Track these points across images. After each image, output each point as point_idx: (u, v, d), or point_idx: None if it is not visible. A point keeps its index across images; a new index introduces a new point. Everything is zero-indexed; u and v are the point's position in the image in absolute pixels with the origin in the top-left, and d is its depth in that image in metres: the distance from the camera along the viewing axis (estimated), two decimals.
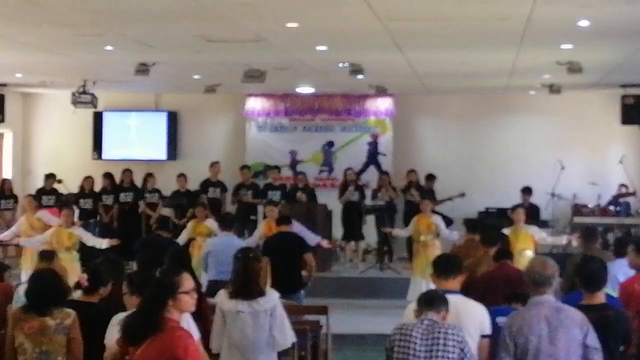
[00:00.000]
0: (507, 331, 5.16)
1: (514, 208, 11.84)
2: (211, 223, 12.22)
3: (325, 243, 12.46)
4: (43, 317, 5.59)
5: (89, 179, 15.80)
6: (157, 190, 15.73)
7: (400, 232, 13.92)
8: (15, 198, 15.89)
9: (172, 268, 5.18)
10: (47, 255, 7.28)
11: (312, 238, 12.48)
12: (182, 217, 15.29)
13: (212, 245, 10.18)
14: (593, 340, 5.06)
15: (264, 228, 11.98)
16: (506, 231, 11.40)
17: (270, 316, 6.48)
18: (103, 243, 11.85)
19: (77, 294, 6.23)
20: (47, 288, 5.72)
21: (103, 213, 15.64)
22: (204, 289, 9.68)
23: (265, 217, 12.40)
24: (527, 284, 5.29)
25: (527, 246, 11.21)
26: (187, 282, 4.69)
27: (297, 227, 11.99)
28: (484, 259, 8.58)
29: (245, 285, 6.47)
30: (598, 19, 9.00)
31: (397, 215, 15.71)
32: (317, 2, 8.45)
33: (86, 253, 11.67)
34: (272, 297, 6.56)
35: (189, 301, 4.68)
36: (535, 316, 5.12)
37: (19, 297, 6.19)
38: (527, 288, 5.32)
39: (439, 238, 12.86)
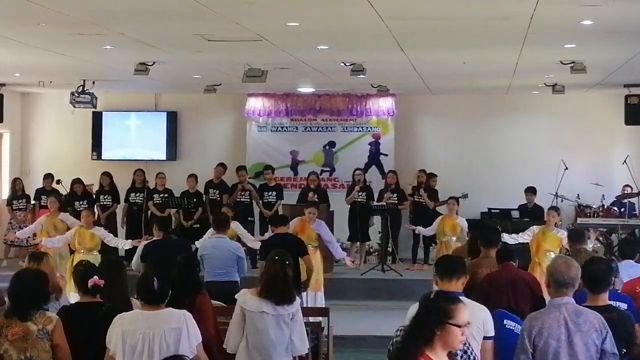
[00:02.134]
0: (527, 333, 5.14)
1: (550, 209, 11.88)
2: (236, 225, 12.17)
3: (348, 261, 12.75)
4: (25, 322, 5.45)
5: (77, 183, 15.59)
6: (168, 191, 15.56)
7: (423, 230, 13.99)
8: (27, 198, 15.90)
9: (444, 294, 4.57)
10: (36, 256, 7.17)
11: (340, 252, 12.76)
12: (190, 218, 15.24)
13: (205, 248, 10.16)
14: (611, 345, 5.06)
15: (297, 226, 11.98)
16: (536, 229, 11.42)
17: (291, 320, 6.51)
18: (126, 243, 11.84)
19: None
20: (26, 290, 5.56)
21: (100, 214, 15.56)
22: None
23: (273, 216, 12.49)
24: (549, 283, 5.24)
25: (552, 248, 11.22)
26: (461, 314, 4.05)
27: (326, 236, 12.14)
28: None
29: (281, 291, 6.51)
30: (602, 18, 8.94)
31: (404, 215, 15.67)
32: (318, 1, 8.38)
33: (107, 253, 11.74)
34: (296, 302, 6.60)
35: (458, 337, 4.00)
36: (555, 319, 5.10)
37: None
38: (548, 288, 5.28)
39: (459, 240, 12.87)
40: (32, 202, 15.98)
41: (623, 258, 8.52)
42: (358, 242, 15.53)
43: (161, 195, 15.42)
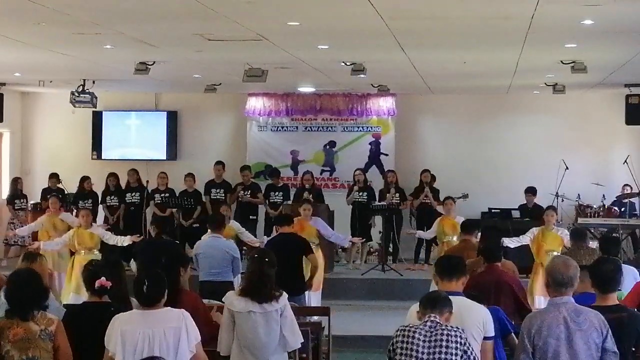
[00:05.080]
0: (526, 333, 5.15)
1: (547, 209, 11.82)
2: (235, 224, 12.13)
3: (356, 239, 13.33)
4: (27, 323, 5.45)
5: (87, 179, 15.70)
6: (170, 190, 15.53)
7: (423, 234, 13.97)
8: (26, 197, 15.95)
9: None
10: (30, 257, 7.16)
11: (343, 239, 12.97)
12: (190, 217, 15.23)
13: (200, 247, 10.17)
14: (611, 343, 5.08)
15: (296, 226, 11.97)
16: (535, 230, 11.38)
17: (280, 316, 6.48)
18: (125, 240, 11.85)
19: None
20: (26, 289, 5.53)
21: (108, 214, 15.56)
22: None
23: (278, 216, 12.51)
24: (548, 283, 5.26)
25: (554, 248, 11.10)
26: None
27: (324, 230, 12.16)
28: (482, 261, 8.49)
29: (258, 288, 6.48)
30: (602, 18, 8.93)
31: (404, 215, 15.65)
32: (318, 0, 8.37)
33: (107, 252, 11.79)
34: (282, 298, 6.57)
35: None
36: (554, 318, 5.12)
37: (2, 301, 6.00)
38: (547, 288, 5.29)
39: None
40: (37, 201, 15.96)
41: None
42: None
43: (162, 195, 15.41)
